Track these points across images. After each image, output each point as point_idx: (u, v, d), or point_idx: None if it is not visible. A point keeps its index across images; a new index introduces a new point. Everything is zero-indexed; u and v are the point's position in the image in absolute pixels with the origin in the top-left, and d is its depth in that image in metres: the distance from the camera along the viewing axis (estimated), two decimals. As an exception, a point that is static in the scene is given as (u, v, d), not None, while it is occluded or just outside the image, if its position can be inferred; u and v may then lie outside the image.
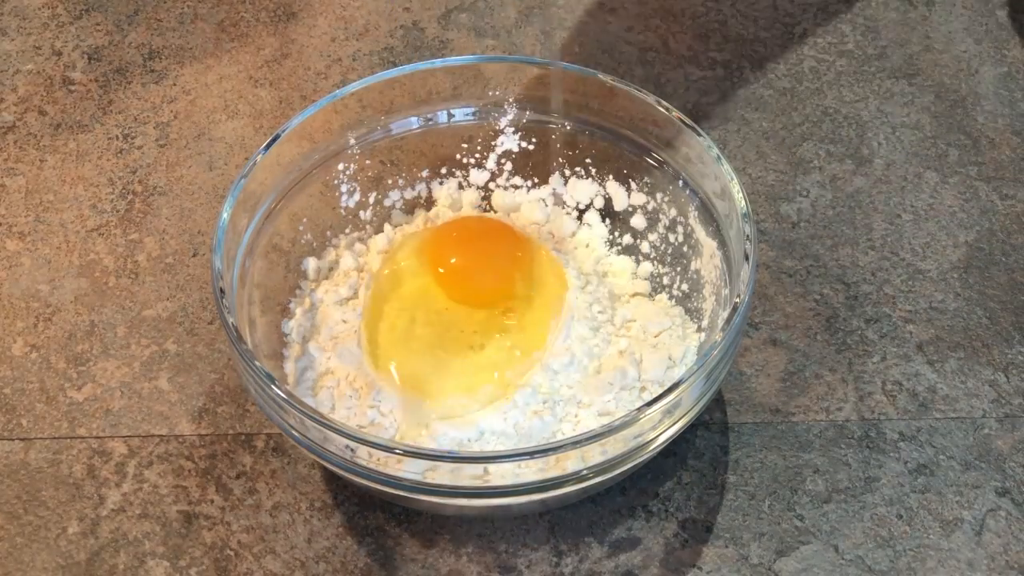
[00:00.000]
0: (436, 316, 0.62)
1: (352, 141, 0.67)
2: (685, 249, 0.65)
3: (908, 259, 0.70)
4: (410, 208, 0.69)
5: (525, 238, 0.65)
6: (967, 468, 0.62)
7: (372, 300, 0.63)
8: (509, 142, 0.69)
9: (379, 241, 0.67)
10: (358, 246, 0.67)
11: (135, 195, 0.74)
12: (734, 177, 0.60)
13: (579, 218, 0.69)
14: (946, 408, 0.64)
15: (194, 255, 0.71)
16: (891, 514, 0.60)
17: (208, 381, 0.65)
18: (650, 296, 0.66)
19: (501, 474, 0.54)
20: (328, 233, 0.67)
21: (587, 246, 0.68)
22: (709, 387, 0.56)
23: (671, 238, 0.66)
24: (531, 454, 0.53)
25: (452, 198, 0.69)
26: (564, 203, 0.69)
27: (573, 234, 0.68)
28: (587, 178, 0.69)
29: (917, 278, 0.69)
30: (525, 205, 0.69)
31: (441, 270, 0.63)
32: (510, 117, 0.69)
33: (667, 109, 0.64)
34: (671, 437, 0.56)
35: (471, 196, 0.70)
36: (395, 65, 0.79)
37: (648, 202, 0.67)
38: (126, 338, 0.67)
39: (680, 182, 0.65)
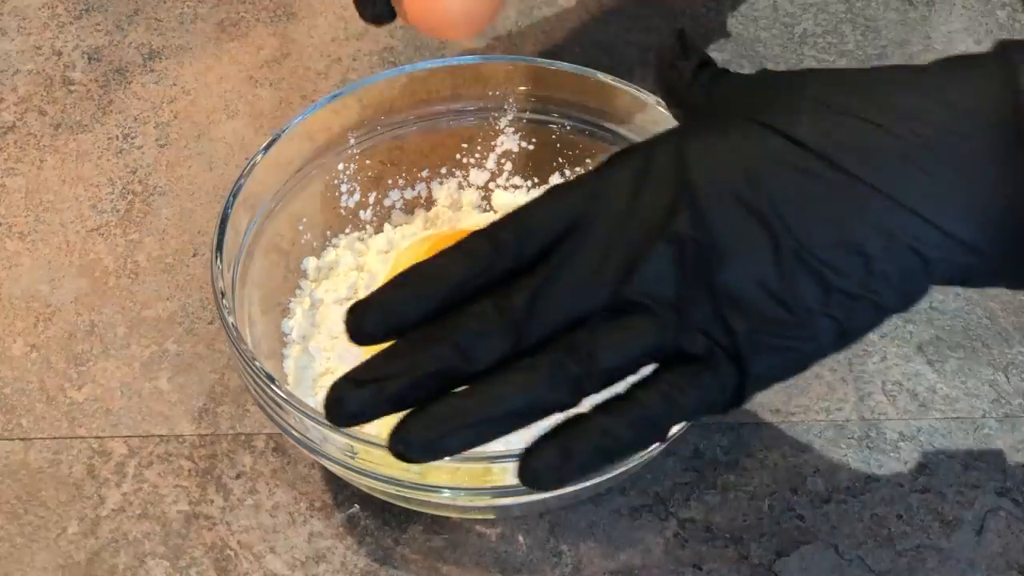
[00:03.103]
0: None
1: (352, 141, 0.67)
2: (685, 249, 0.65)
3: (908, 259, 0.70)
4: (410, 208, 0.69)
5: None
6: (967, 468, 0.62)
7: None
8: (509, 142, 0.69)
9: (379, 241, 0.67)
10: (358, 246, 0.67)
11: (135, 195, 0.74)
12: (734, 177, 0.60)
13: (579, 218, 0.68)
14: (946, 408, 0.64)
15: (194, 255, 0.71)
16: (891, 514, 0.60)
17: (208, 381, 0.65)
18: (650, 296, 0.66)
19: (501, 474, 0.54)
20: (328, 233, 0.67)
21: (587, 246, 0.68)
22: (709, 387, 0.56)
23: (671, 238, 0.66)
24: (531, 454, 0.53)
25: (452, 198, 0.69)
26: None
27: (573, 234, 0.68)
28: (587, 178, 0.68)
29: (917, 278, 0.69)
30: (525, 205, 0.69)
31: None
32: (510, 117, 0.69)
33: (667, 109, 0.63)
34: (671, 437, 0.56)
35: (471, 196, 0.70)
36: (395, 65, 0.79)
37: (648, 202, 0.67)
38: (126, 338, 0.67)
39: (680, 182, 0.65)
